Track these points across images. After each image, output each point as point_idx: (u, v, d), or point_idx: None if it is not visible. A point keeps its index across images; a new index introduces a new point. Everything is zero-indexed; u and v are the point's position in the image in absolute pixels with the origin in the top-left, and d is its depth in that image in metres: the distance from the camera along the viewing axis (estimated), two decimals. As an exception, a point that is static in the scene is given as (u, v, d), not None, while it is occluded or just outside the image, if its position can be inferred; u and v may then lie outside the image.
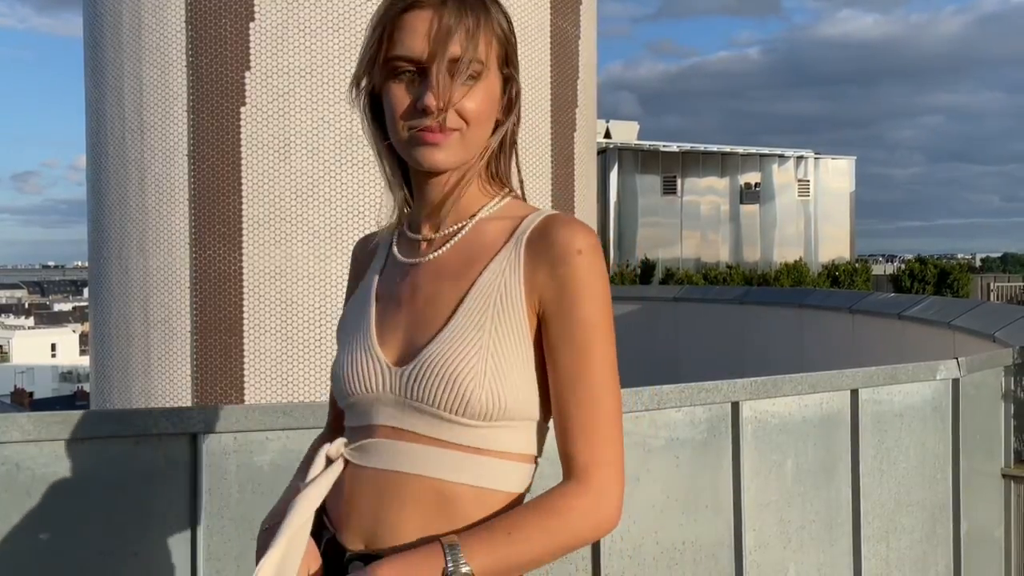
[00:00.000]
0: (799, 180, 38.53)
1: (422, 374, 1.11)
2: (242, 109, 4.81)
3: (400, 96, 1.14)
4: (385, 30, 1.14)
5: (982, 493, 3.34)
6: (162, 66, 4.95)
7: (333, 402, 1.31)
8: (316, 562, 1.19)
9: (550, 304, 1.11)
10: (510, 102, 1.20)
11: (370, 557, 1.11)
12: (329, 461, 1.18)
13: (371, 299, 1.22)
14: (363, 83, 1.20)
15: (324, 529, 1.21)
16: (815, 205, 38.65)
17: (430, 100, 1.10)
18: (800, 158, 38.82)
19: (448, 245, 1.18)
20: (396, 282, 1.21)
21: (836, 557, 2.86)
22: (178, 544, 2.08)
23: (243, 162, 4.80)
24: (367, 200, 4.85)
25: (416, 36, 1.11)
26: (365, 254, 1.32)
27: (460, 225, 1.19)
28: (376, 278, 1.25)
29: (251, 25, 4.81)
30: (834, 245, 38.37)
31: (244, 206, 4.80)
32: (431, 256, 1.19)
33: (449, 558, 1.04)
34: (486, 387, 1.10)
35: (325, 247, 4.78)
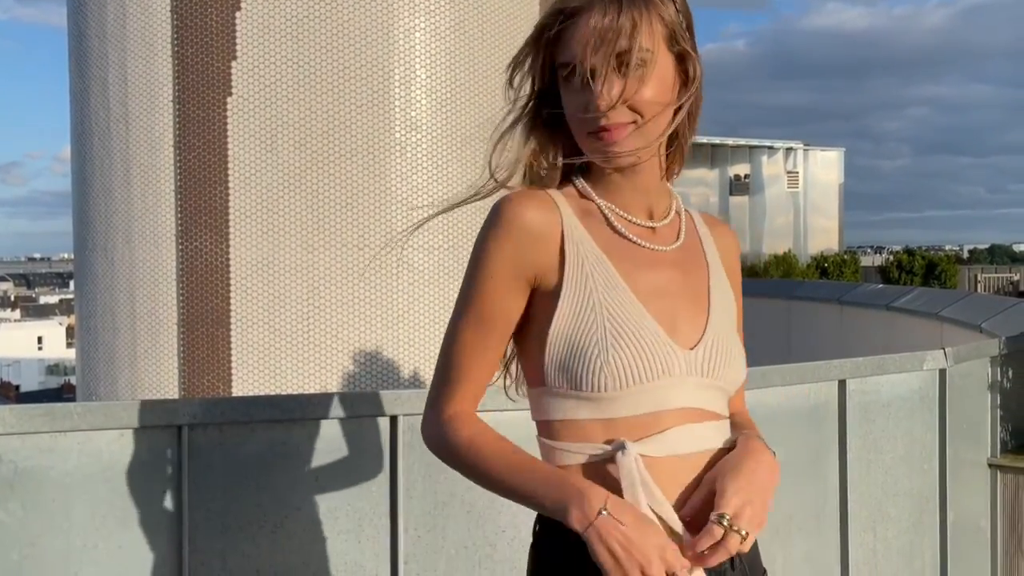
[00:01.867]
0: (788, 172, 38.63)
1: (709, 355, 1.21)
2: (228, 99, 4.77)
3: (574, 100, 1.18)
4: (551, 34, 1.18)
5: (968, 483, 3.36)
6: (147, 56, 4.91)
7: (479, 384, 1.26)
8: None
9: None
10: (686, 79, 1.21)
11: None
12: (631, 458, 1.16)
13: (622, 285, 1.20)
14: (527, 83, 1.23)
15: None
16: (804, 197, 38.78)
17: (599, 103, 1.14)
18: (789, 150, 38.92)
19: (683, 234, 1.30)
20: (648, 269, 1.23)
21: (823, 547, 2.87)
22: (163, 537, 2.06)
23: (230, 153, 4.77)
24: (355, 191, 4.82)
25: (580, 40, 1.15)
26: (549, 227, 1.21)
27: (675, 210, 1.31)
28: (604, 257, 1.21)
29: (237, 14, 4.77)
30: (823, 236, 38.52)
31: (231, 197, 4.77)
32: (677, 244, 1.27)
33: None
34: (743, 362, 1.27)
35: (313, 238, 4.76)
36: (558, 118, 1.22)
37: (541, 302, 1.20)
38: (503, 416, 1.69)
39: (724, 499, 1.15)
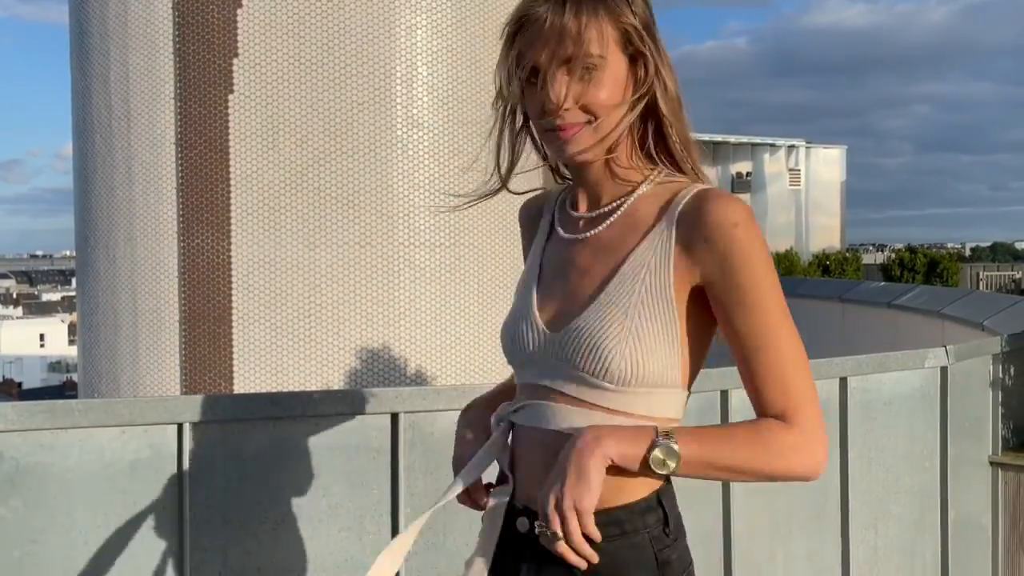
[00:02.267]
0: (790, 169, 38.59)
1: (570, 339, 1.22)
2: (230, 96, 4.77)
3: (532, 102, 1.25)
4: (511, 44, 1.24)
5: (970, 481, 3.36)
6: (149, 53, 4.91)
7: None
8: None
9: (714, 276, 1.20)
10: (638, 80, 1.24)
11: (533, 513, 1.19)
12: (498, 422, 1.32)
13: (536, 269, 1.34)
14: (508, 94, 1.29)
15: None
16: (806, 194, 38.73)
17: (548, 104, 1.20)
18: (791, 147, 38.87)
19: (605, 224, 1.27)
20: (558, 255, 1.31)
21: (824, 545, 2.87)
22: (164, 534, 2.07)
23: (231, 150, 4.77)
24: (356, 188, 4.82)
25: (531, 45, 1.21)
26: (530, 220, 1.42)
27: (617, 203, 1.27)
28: (540, 250, 1.36)
29: (239, 12, 4.77)
30: (825, 234, 38.48)
31: (232, 194, 4.77)
32: (590, 233, 1.28)
33: (660, 436, 1.16)
34: (625, 354, 1.19)
35: (314, 236, 4.76)
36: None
37: None
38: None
39: (541, 510, 1.15)
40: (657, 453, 1.16)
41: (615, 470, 1.16)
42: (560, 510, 1.12)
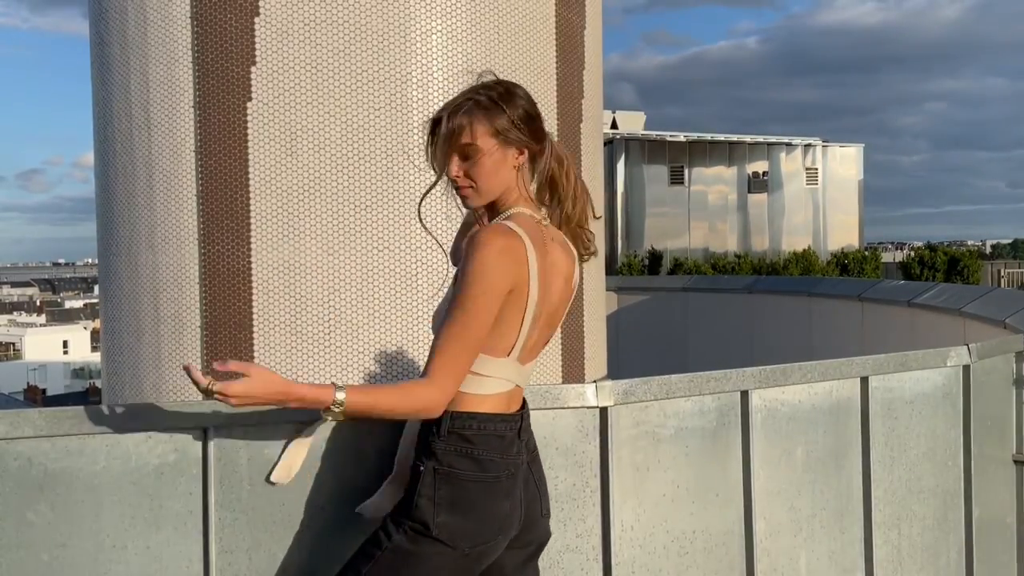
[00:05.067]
0: (807, 168, 38.33)
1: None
2: (248, 104, 4.81)
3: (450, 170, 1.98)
4: (433, 135, 2.01)
5: (993, 479, 3.33)
6: (168, 62, 4.96)
7: None
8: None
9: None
10: (534, 155, 1.99)
11: None
12: None
13: None
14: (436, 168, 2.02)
15: None
16: (823, 193, 38.46)
17: (449, 175, 1.97)
18: (808, 146, 38.62)
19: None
20: None
21: (847, 545, 2.86)
22: (190, 537, 2.09)
23: (250, 157, 4.81)
24: (374, 194, 4.85)
25: (440, 139, 1.98)
26: None
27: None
28: None
29: (256, 20, 4.81)
30: (843, 233, 38.19)
31: (252, 201, 4.80)
32: None
33: (337, 391, 1.82)
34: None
35: (333, 241, 4.79)
36: None
37: None
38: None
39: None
40: (337, 397, 1.79)
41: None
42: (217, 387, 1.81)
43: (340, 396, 1.78)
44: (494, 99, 1.94)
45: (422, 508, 1.85)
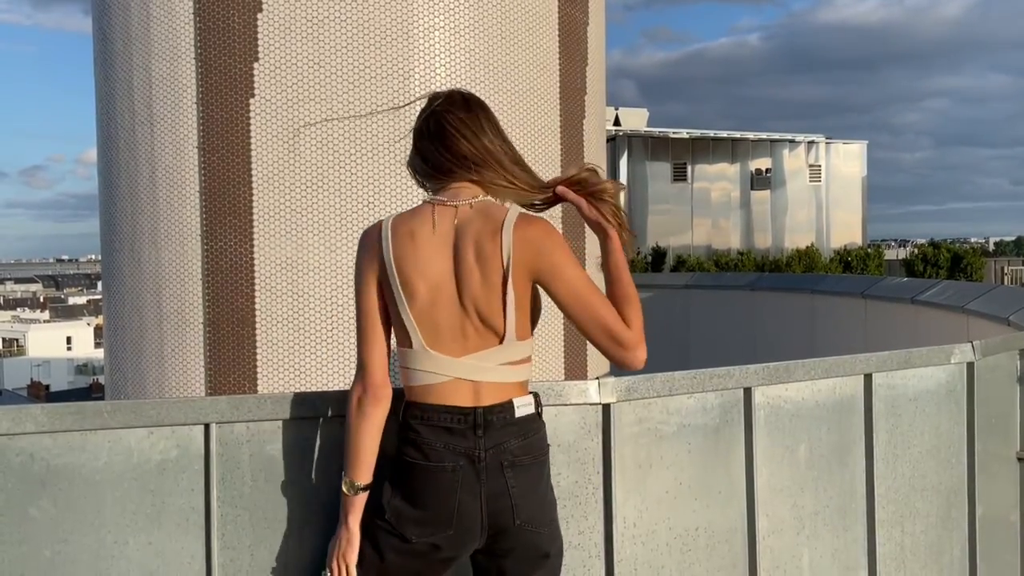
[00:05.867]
0: (810, 165, 38.25)
1: None
2: (251, 100, 4.81)
3: None
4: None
5: (997, 477, 3.32)
6: (171, 58, 4.96)
7: None
8: None
9: None
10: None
11: None
12: None
13: None
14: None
15: None
16: (826, 190, 38.38)
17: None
18: (811, 143, 38.54)
19: None
20: None
21: (850, 542, 2.85)
22: (192, 533, 2.09)
23: (253, 153, 4.81)
24: (377, 190, 4.84)
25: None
26: None
27: None
28: None
29: (259, 16, 4.81)
30: (846, 230, 38.11)
31: (255, 197, 4.80)
32: None
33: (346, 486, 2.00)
34: None
35: (336, 237, 4.78)
36: None
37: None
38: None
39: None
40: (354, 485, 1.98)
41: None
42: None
43: (353, 484, 1.98)
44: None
45: (382, 490, 1.96)
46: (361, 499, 1.97)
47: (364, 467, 1.95)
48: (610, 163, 32.23)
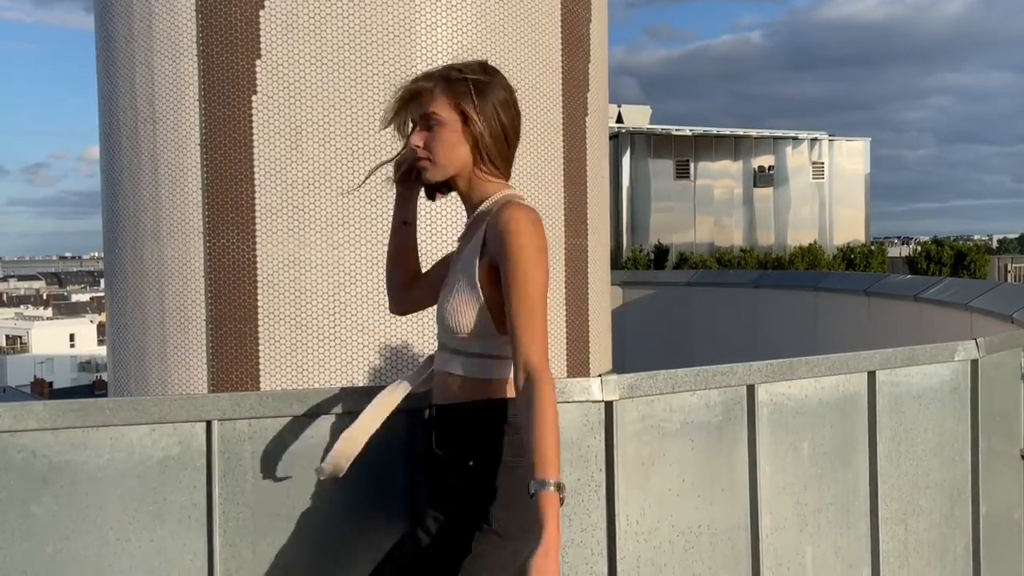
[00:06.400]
0: (813, 162, 38.21)
1: (440, 308, 1.93)
2: (253, 98, 4.80)
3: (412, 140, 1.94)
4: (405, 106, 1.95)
5: (1001, 475, 3.32)
6: (173, 55, 4.95)
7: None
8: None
9: (498, 261, 1.80)
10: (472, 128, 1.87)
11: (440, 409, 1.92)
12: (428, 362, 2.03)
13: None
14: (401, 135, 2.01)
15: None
16: (829, 187, 38.33)
17: (413, 143, 1.93)
18: (814, 140, 38.49)
19: (465, 228, 1.96)
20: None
21: (853, 540, 2.85)
22: (194, 530, 2.09)
23: (255, 151, 4.80)
24: (379, 187, 4.84)
25: (414, 106, 1.93)
26: None
27: (477, 214, 1.91)
28: None
29: (261, 13, 4.80)
30: (849, 227, 38.08)
31: (257, 194, 4.80)
32: (460, 243, 1.97)
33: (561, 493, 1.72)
34: (456, 319, 1.87)
35: (338, 235, 4.78)
36: None
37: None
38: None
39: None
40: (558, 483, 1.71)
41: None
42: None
43: (555, 483, 1.67)
44: (466, 76, 1.87)
45: (493, 500, 1.79)
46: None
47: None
48: (613, 160, 32.20)
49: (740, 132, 37.52)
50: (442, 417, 1.89)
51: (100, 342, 47.07)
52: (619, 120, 35.76)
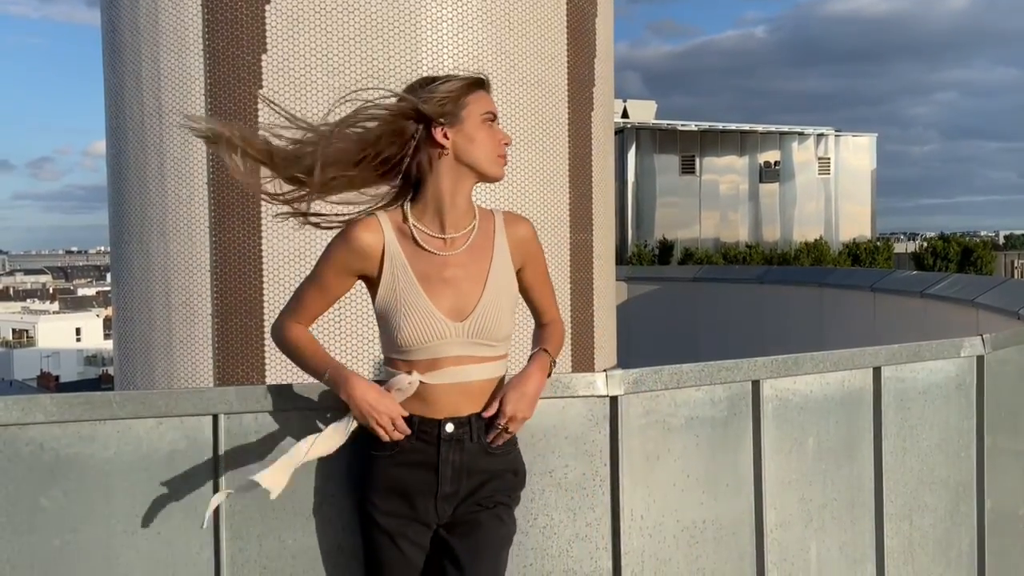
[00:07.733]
0: (819, 158, 38.11)
1: (483, 321, 1.94)
2: (259, 92, 4.81)
3: (497, 134, 1.99)
4: (471, 93, 1.97)
5: (1006, 471, 3.31)
6: (179, 50, 4.96)
7: (312, 316, 2.11)
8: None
9: (528, 262, 2.06)
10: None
11: (458, 422, 1.96)
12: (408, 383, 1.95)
13: (414, 279, 1.95)
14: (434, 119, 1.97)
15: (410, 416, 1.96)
16: (835, 183, 38.23)
17: (505, 139, 2.00)
18: (820, 135, 38.38)
19: (470, 240, 1.98)
20: (433, 267, 1.95)
21: (858, 536, 2.85)
22: (201, 523, 2.09)
23: (261, 145, 4.81)
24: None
25: (491, 103, 2.01)
26: (374, 241, 1.99)
27: (470, 227, 1.99)
28: (407, 263, 1.95)
29: (267, 7, 4.81)
30: (855, 223, 37.99)
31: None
32: (462, 248, 1.97)
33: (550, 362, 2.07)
34: (509, 328, 1.99)
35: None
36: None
37: (372, 289, 1.99)
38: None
39: (503, 406, 1.94)
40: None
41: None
42: (517, 418, 1.95)
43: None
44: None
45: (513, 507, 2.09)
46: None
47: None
48: (618, 155, 32.12)
49: (746, 127, 37.42)
50: (491, 422, 2.01)
51: (106, 336, 47.22)
52: (624, 115, 35.70)
